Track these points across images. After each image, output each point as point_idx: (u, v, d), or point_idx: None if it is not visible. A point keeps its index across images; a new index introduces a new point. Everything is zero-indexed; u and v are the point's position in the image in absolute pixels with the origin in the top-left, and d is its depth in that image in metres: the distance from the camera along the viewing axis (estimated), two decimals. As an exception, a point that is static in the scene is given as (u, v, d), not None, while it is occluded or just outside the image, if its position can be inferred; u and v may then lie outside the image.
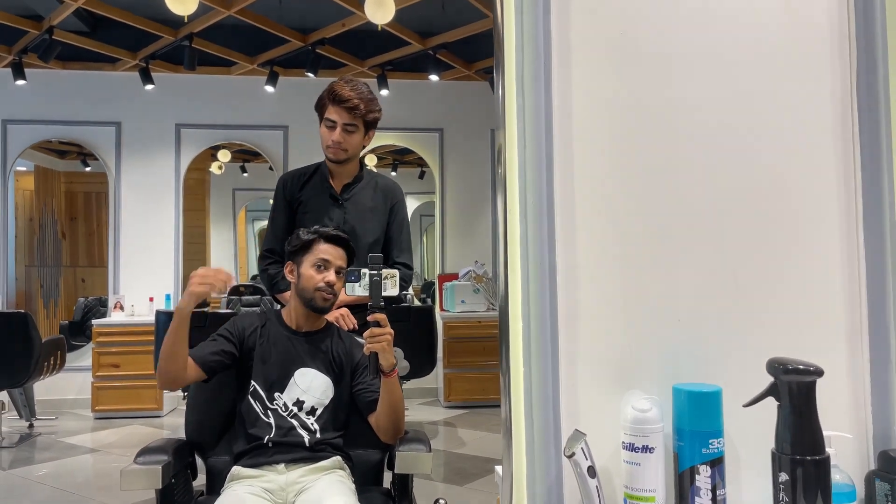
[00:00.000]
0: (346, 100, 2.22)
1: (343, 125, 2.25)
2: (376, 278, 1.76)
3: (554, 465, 0.99)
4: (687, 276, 1.03)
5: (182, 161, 6.28)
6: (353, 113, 2.23)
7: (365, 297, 1.78)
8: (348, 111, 2.23)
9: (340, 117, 2.24)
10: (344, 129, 2.25)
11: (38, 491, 3.89)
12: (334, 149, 2.28)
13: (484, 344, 5.98)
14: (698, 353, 1.02)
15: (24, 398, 5.23)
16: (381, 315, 1.78)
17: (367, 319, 1.79)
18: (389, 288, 1.78)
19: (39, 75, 5.94)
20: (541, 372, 0.99)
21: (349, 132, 2.26)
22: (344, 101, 2.22)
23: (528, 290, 1.00)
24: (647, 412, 0.96)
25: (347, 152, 2.29)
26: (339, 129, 2.25)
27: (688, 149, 1.04)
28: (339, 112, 2.23)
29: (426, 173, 7.41)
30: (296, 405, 1.93)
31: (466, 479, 4.02)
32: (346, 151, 2.29)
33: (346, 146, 2.28)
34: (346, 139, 2.26)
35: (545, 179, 1.01)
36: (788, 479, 0.86)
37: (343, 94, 2.22)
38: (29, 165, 7.08)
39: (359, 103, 2.23)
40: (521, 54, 1.01)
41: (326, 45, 5.61)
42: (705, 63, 1.04)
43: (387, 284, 1.77)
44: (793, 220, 1.04)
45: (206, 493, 2.04)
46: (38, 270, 7.42)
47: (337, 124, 2.25)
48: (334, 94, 2.24)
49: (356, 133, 2.27)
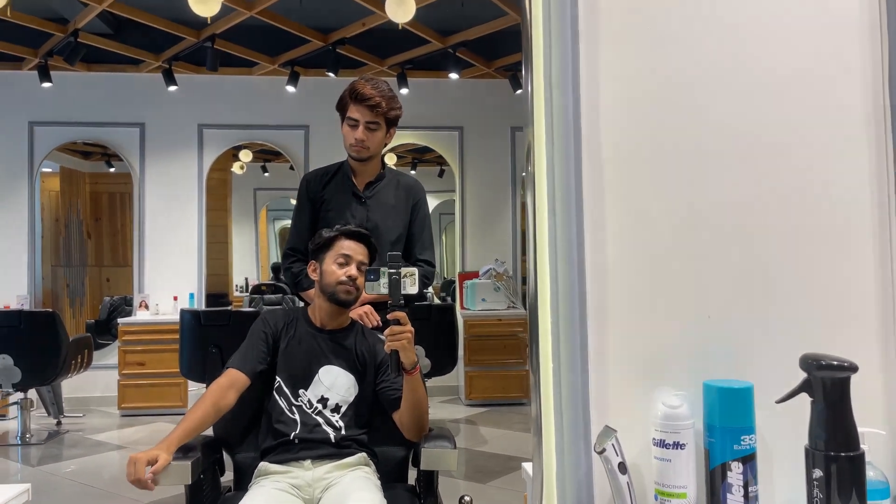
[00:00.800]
0: (367, 98, 2.24)
1: (365, 123, 2.27)
2: (395, 277, 1.77)
3: (584, 461, 0.99)
4: (717, 273, 1.03)
5: (205, 161, 6.34)
6: (375, 111, 2.25)
7: (385, 295, 1.79)
8: (370, 109, 2.25)
9: (363, 115, 2.26)
10: (366, 126, 2.27)
11: (67, 487, 3.95)
12: (357, 147, 2.30)
13: (505, 342, 5.98)
14: (728, 350, 1.01)
15: (52, 396, 5.31)
16: (401, 313, 1.80)
17: (387, 318, 1.81)
18: (409, 286, 1.79)
19: (65, 78, 6.03)
20: (570, 368, 0.99)
21: (371, 130, 2.28)
22: (366, 99, 2.24)
23: (556, 286, 1.00)
24: (677, 408, 0.96)
25: (370, 150, 2.31)
26: (361, 127, 2.27)
27: (718, 144, 1.03)
28: (361, 110, 2.25)
29: (445, 172, 7.41)
30: (320, 402, 1.95)
31: (489, 476, 4.02)
32: (368, 149, 2.31)
33: (368, 144, 2.29)
34: (369, 137, 2.29)
35: (573, 175, 1.01)
36: (822, 476, 0.85)
37: (365, 93, 2.24)
38: (54, 167, 7.19)
39: (380, 101, 2.25)
40: (548, 50, 1.01)
41: (347, 45, 5.63)
42: (736, 57, 1.04)
43: (406, 283, 1.79)
44: (825, 215, 1.03)
45: (233, 488, 2.06)
46: (64, 270, 7.53)
47: (359, 122, 2.27)
48: (356, 92, 2.26)
49: (378, 131, 2.29)
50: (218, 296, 7.31)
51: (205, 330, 4.44)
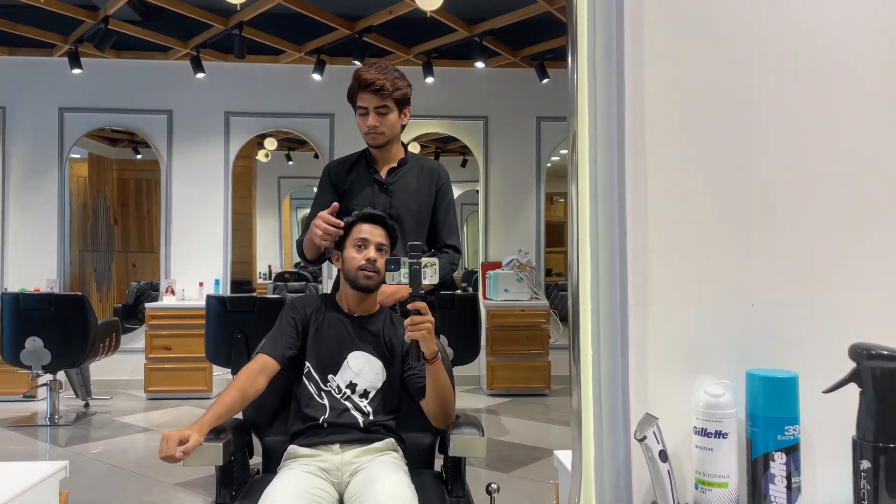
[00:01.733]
0: (371, 82, 2.24)
1: (374, 108, 2.27)
2: (416, 267, 1.77)
3: (622, 449, 0.98)
4: (761, 260, 1.01)
5: (231, 149, 6.38)
6: (381, 94, 2.24)
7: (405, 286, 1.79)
8: (376, 93, 2.24)
9: (370, 101, 2.26)
10: (376, 112, 2.27)
11: (94, 467, 4.02)
12: (371, 134, 2.30)
13: (527, 333, 5.97)
14: (772, 339, 1.00)
15: (81, 378, 5.41)
16: (422, 303, 1.80)
17: (407, 308, 1.81)
18: (429, 276, 1.78)
19: (95, 64, 6.09)
20: (609, 354, 0.99)
21: (382, 114, 2.28)
22: (369, 84, 2.24)
23: (597, 272, 0.99)
24: (720, 397, 0.94)
25: (385, 135, 2.31)
26: (371, 113, 2.27)
27: (764, 128, 1.01)
28: (368, 96, 2.26)
29: (468, 161, 7.39)
30: (349, 388, 1.96)
31: (511, 466, 4.02)
32: (383, 134, 2.30)
33: (382, 129, 2.29)
34: (381, 122, 2.28)
35: (616, 161, 1.00)
36: (870, 467, 0.84)
37: (368, 78, 2.24)
38: (83, 153, 7.29)
39: (384, 83, 2.24)
40: (593, 33, 1.00)
41: (373, 33, 5.62)
42: (783, 40, 1.02)
43: (426, 273, 1.78)
44: (874, 202, 1.01)
45: (261, 471, 2.08)
46: (91, 255, 7.64)
47: (368, 109, 2.27)
48: (359, 79, 2.26)
49: (390, 114, 2.29)
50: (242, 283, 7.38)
51: (230, 316, 4.50)
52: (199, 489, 3.57)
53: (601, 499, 0.98)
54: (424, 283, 1.78)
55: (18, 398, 5.54)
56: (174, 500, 3.52)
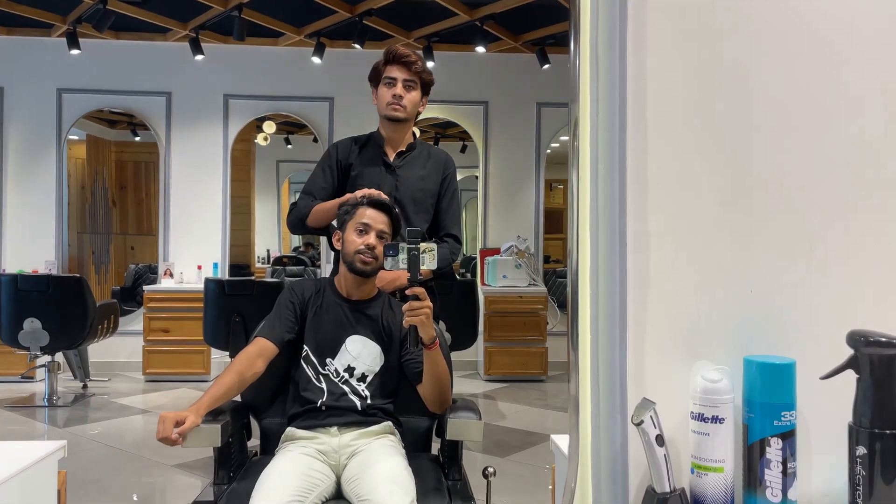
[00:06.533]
0: (404, 55, 2.33)
1: (403, 81, 2.33)
2: (415, 253, 1.77)
3: (619, 433, 0.99)
4: (761, 246, 1.01)
5: (230, 131, 6.36)
6: (413, 68, 2.33)
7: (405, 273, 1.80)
8: (407, 67, 2.32)
9: (401, 73, 2.33)
10: (404, 84, 2.33)
11: (93, 448, 4.04)
12: (394, 104, 2.33)
13: (525, 319, 5.99)
14: (770, 325, 1.00)
15: (79, 360, 5.42)
16: (420, 289, 1.80)
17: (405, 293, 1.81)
18: (428, 262, 1.79)
19: (93, 45, 6.05)
20: (608, 339, 0.99)
21: (409, 88, 2.34)
22: (403, 56, 2.33)
23: (597, 258, 0.99)
24: (717, 383, 0.95)
25: (406, 110, 2.35)
26: (399, 84, 2.33)
27: (767, 113, 1.01)
28: (399, 68, 2.33)
29: (468, 147, 7.37)
30: (346, 371, 1.97)
31: (507, 451, 4.05)
32: (405, 108, 2.35)
33: (405, 102, 2.34)
34: (406, 95, 2.34)
35: (617, 147, 0.99)
36: (866, 453, 0.84)
37: (402, 52, 2.34)
38: (81, 134, 7.26)
39: (416, 60, 2.34)
40: (595, 19, 0.99)
41: (374, 16, 5.59)
42: (786, 24, 1.01)
43: (425, 258, 1.79)
44: (874, 189, 1.00)
45: (259, 453, 2.09)
46: (89, 237, 7.64)
47: (397, 80, 2.33)
48: (392, 53, 2.34)
49: (415, 91, 2.36)
50: (240, 266, 7.39)
51: (229, 299, 4.50)
52: (198, 470, 3.59)
53: (598, 483, 0.98)
54: (423, 269, 1.78)
55: (17, 379, 5.56)
56: (172, 481, 3.54)
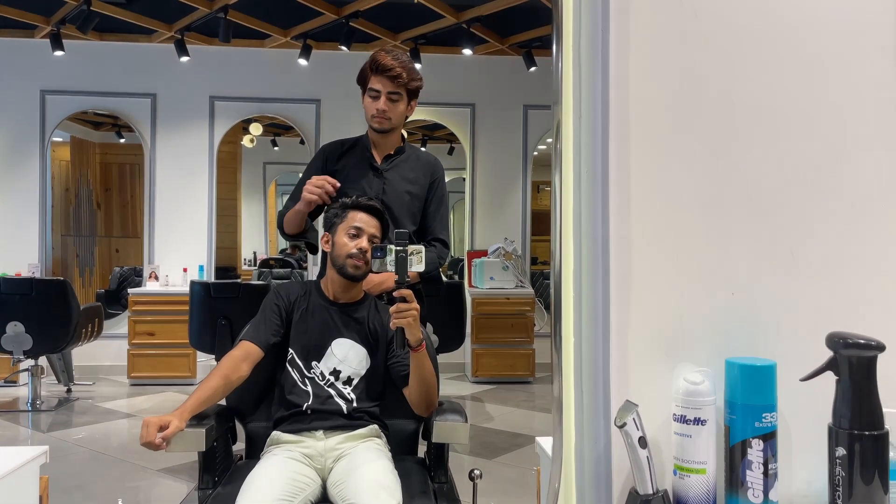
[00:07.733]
0: (389, 68, 2.25)
1: (387, 94, 2.27)
2: (402, 255, 1.77)
3: (603, 435, 0.99)
4: (742, 250, 1.02)
5: (216, 133, 6.33)
6: (397, 81, 2.26)
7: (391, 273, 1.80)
8: (391, 80, 2.25)
9: (384, 86, 2.26)
10: (388, 97, 2.27)
11: (77, 453, 4.00)
12: (379, 118, 2.30)
13: (512, 321, 5.99)
14: (751, 328, 1.01)
15: (63, 364, 5.37)
16: (407, 291, 1.80)
17: (392, 295, 1.81)
18: (415, 264, 1.79)
19: (77, 46, 6.00)
20: (591, 342, 0.99)
21: (393, 101, 2.29)
22: (387, 69, 2.25)
23: (580, 261, 0.99)
24: (699, 385, 0.95)
25: (392, 121, 2.31)
26: (383, 97, 2.27)
27: (746, 119, 1.02)
28: (383, 81, 2.26)
29: (455, 149, 7.38)
30: (332, 374, 1.96)
31: (495, 453, 4.05)
32: (390, 120, 2.31)
33: (390, 115, 2.30)
34: (391, 108, 2.29)
35: (600, 149, 1.00)
36: (846, 454, 0.85)
37: (386, 63, 2.25)
38: (65, 136, 7.19)
39: (401, 71, 2.26)
40: (578, 22, 1.00)
41: (360, 18, 5.58)
42: (766, 31, 1.02)
43: (412, 260, 1.79)
44: (852, 193, 1.02)
45: (244, 457, 2.08)
46: (73, 240, 7.57)
47: (381, 93, 2.27)
48: (377, 63, 2.26)
49: (400, 102, 2.30)
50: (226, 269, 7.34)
51: (214, 302, 4.47)
52: (183, 475, 3.57)
53: (581, 485, 0.98)
54: (410, 271, 1.79)
55: (0, 383, 5.50)
56: (157, 486, 3.51)
